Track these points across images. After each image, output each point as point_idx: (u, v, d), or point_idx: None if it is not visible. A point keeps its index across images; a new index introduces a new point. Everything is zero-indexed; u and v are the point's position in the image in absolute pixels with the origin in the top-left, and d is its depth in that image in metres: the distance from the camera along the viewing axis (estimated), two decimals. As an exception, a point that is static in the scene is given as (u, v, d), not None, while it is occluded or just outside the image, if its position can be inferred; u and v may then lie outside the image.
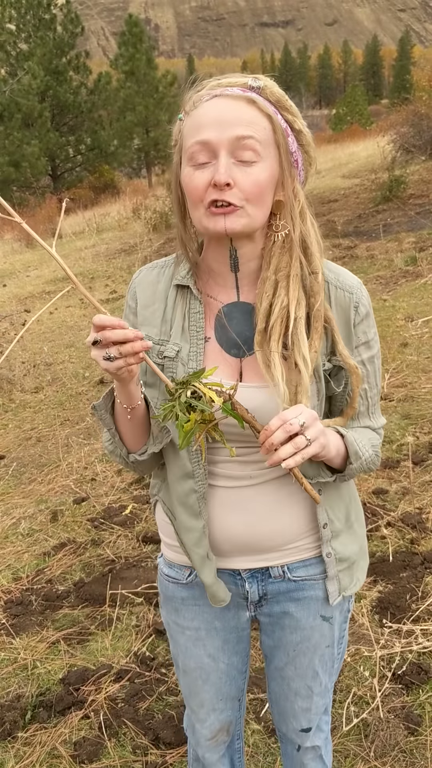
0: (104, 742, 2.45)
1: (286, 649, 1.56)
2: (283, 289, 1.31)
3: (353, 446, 1.34)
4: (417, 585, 3.04)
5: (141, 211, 18.71)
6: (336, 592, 1.49)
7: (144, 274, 1.48)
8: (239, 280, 1.37)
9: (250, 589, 1.51)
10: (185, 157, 1.28)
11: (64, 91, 34.08)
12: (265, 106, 1.25)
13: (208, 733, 1.67)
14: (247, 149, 1.23)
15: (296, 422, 1.18)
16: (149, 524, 3.92)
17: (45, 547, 3.87)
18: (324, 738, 1.71)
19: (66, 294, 12.09)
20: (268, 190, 1.27)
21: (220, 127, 1.22)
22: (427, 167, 15.88)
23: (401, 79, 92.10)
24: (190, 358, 1.37)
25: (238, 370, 1.37)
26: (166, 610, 1.63)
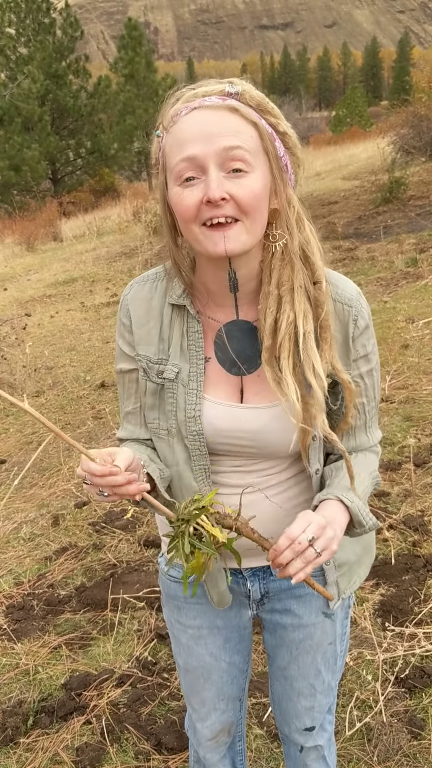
0: (106, 747, 2.44)
1: (289, 647, 1.56)
2: (288, 303, 1.26)
3: (357, 517, 1.31)
4: (419, 588, 3.03)
5: (141, 214, 18.71)
6: (335, 596, 1.49)
7: (136, 290, 1.42)
8: (238, 298, 1.32)
9: (252, 588, 1.51)
10: (171, 177, 1.22)
11: (64, 95, 34.12)
12: (248, 113, 1.18)
13: (209, 733, 1.67)
14: (236, 160, 1.16)
15: (304, 539, 1.17)
16: (151, 528, 3.92)
17: (46, 551, 3.87)
18: (327, 738, 1.71)
19: (66, 297, 12.11)
20: (264, 199, 1.21)
21: (205, 141, 1.16)
22: (427, 168, 15.88)
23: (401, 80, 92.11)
24: (190, 379, 1.34)
25: (239, 389, 1.35)
26: (168, 608, 1.63)
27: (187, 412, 1.34)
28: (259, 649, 2.73)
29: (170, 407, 1.36)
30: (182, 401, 1.34)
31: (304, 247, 1.28)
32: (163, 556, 1.62)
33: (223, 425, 1.33)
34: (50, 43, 34.15)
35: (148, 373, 1.38)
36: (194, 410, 1.33)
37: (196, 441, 1.34)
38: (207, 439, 1.34)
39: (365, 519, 1.32)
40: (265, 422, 1.31)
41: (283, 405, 1.27)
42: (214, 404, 1.34)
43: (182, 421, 1.34)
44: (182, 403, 1.34)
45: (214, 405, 1.34)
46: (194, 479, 1.38)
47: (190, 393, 1.34)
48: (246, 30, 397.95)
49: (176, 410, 1.35)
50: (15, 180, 31.59)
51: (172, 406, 1.36)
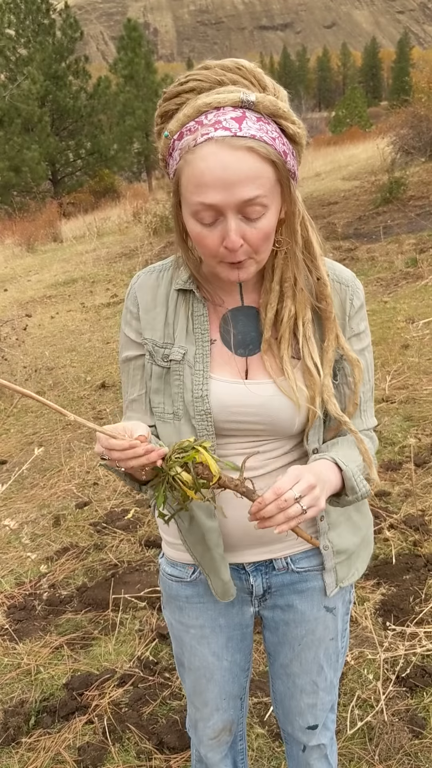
0: (108, 747, 2.44)
1: (291, 644, 1.56)
2: (290, 299, 1.32)
3: (350, 482, 1.32)
4: (420, 587, 3.03)
5: (141, 215, 18.73)
6: (333, 584, 1.50)
7: (143, 279, 1.47)
8: (243, 286, 1.38)
9: (255, 583, 1.52)
10: (187, 209, 1.24)
11: (64, 96, 34.17)
12: (265, 152, 1.16)
13: (211, 733, 1.68)
14: (255, 206, 1.18)
15: (291, 496, 1.17)
16: (152, 528, 3.92)
17: (48, 551, 3.87)
18: (330, 737, 1.71)
19: (67, 298, 12.12)
20: (273, 232, 1.25)
21: (225, 190, 1.16)
22: (426, 169, 15.88)
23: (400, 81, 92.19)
24: (196, 360, 1.37)
25: (244, 368, 1.38)
26: (170, 609, 1.63)
27: (195, 392, 1.36)
28: (260, 648, 2.74)
29: (177, 389, 1.38)
30: (189, 382, 1.37)
31: (307, 247, 1.33)
32: (164, 557, 1.62)
33: (229, 401, 1.35)
34: (50, 44, 34.21)
35: (153, 356, 1.41)
36: (201, 390, 1.35)
37: (203, 421, 1.36)
38: (214, 418, 1.36)
39: (358, 485, 1.34)
40: (270, 395, 1.34)
41: (282, 390, 1.33)
42: (220, 382, 1.36)
43: (189, 402, 1.36)
44: (189, 384, 1.36)
45: (220, 383, 1.36)
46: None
47: (197, 374, 1.36)
48: (245, 31, 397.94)
49: (183, 391, 1.37)
50: (15, 181, 31.63)
51: (179, 388, 1.38)
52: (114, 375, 7.04)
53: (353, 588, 1.62)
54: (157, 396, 1.42)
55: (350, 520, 1.51)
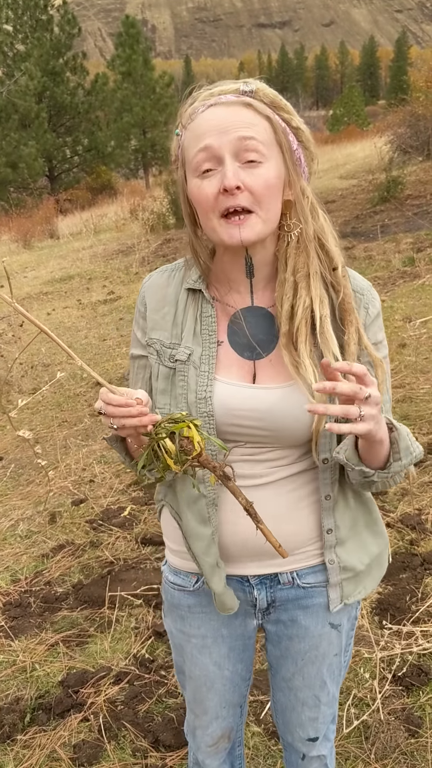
0: (104, 744, 2.44)
1: (294, 658, 1.53)
2: (304, 289, 1.30)
3: (405, 441, 1.27)
4: (417, 586, 3.03)
5: (138, 212, 18.72)
6: (338, 599, 1.46)
7: (153, 279, 1.47)
8: (253, 285, 1.36)
9: (259, 596, 1.48)
10: (190, 170, 1.28)
11: (61, 92, 34.10)
12: (261, 108, 1.24)
13: (210, 740, 1.66)
14: (250, 150, 1.22)
15: (363, 392, 1.11)
16: (148, 526, 3.92)
17: (43, 549, 3.86)
18: (330, 747, 1.69)
19: (63, 295, 12.10)
20: (277, 190, 1.26)
21: (220, 132, 1.22)
22: (424, 168, 15.89)
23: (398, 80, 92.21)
24: (202, 361, 1.36)
25: (252, 373, 1.35)
26: (171, 618, 1.60)
27: (198, 393, 1.34)
28: (257, 647, 2.73)
29: (181, 390, 1.37)
30: (193, 383, 1.35)
31: (319, 235, 1.32)
32: (167, 564, 1.60)
33: (234, 404, 1.33)
34: (47, 40, 34.13)
35: (161, 356, 1.40)
36: (205, 391, 1.34)
37: (206, 423, 1.34)
38: (217, 421, 1.34)
39: (412, 444, 1.28)
40: (277, 401, 1.31)
41: (300, 386, 1.28)
42: (225, 384, 1.35)
43: (192, 403, 1.35)
44: (193, 384, 1.35)
45: (225, 385, 1.34)
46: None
47: (202, 375, 1.35)
48: (243, 28, 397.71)
49: (187, 392, 1.36)
50: (12, 177, 31.56)
51: (183, 389, 1.36)
52: (110, 372, 7.03)
53: (359, 604, 1.59)
54: (163, 397, 1.40)
55: (359, 536, 1.47)
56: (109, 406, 1.20)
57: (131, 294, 10.97)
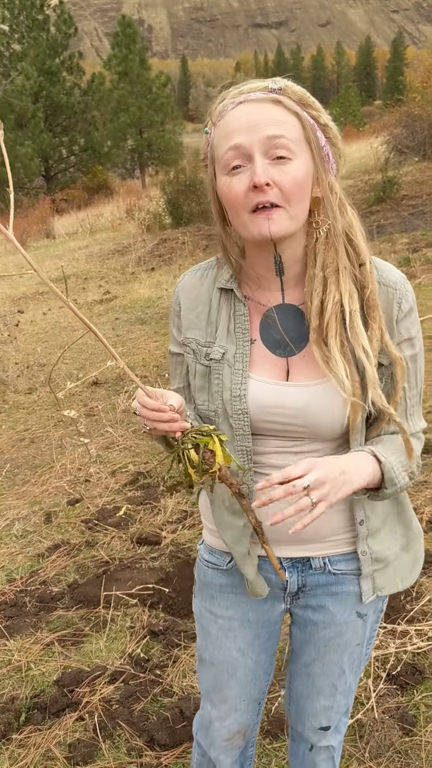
0: (99, 743, 2.44)
1: (317, 644, 1.55)
2: (333, 284, 1.31)
3: (390, 474, 1.31)
4: (411, 586, 3.03)
5: (134, 211, 18.75)
6: (370, 591, 1.48)
7: (187, 279, 1.50)
8: (284, 282, 1.38)
9: (290, 579, 1.50)
10: (219, 167, 1.29)
11: (58, 92, 34.10)
12: (290, 105, 1.25)
13: (226, 734, 1.65)
14: (280, 148, 1.23)
15: (299, 484, 1.16)
16: (143, 525, 3.92)
17: (39, 548, 3.86)
18: (339, 740, 1.70)
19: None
20: (306, 186, 1.27)
21: (250, 130, 1.23)
22: (420, 168, 15.92)
23: (394, 80, 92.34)
24: (236, 360, 1.39)
25: (285, 370, 1.38)
26: (201, 597, 1.62)
27: (233, 391, 1.38)
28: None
29: (216, 387, 1.40)
30: (228, 381, 1.39)
31: (347, 231, 1.33)
32: (203, 543, 1.63)
33: (268, 402, 1.36)
34: (44, 40, 34.13)
35: (197, 355, 1.44)
36: (240, 389, 1.37)
37: (240, 420, 1.38)
38: (251, 418, 1.38)
39: (397, 476, 1.32)
40: (310, 398, 1.34)
41: (332, 381, 1.30)
42: (259, 383, 1.37)
43: (228, 401, 1.38)
44: (228, 382, 1.39)
45: (259, 383, 1.37)
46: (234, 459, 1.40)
47: (236, 373, 1.38)
48: (240, 28, 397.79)
49: (222, 390, 1.39)
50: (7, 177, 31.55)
51: (218, 387, 1.40)
52: (106, 372, 7.03)
53: (387, 598, 1.60)
54: (201, 394, 1.44)
55: (391, 527, 1.48)
56: (143, 409, 1.25)
57: (127, 294, 10.97)
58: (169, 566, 3.45)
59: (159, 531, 3.82)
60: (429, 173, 15.22)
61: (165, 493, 4.27)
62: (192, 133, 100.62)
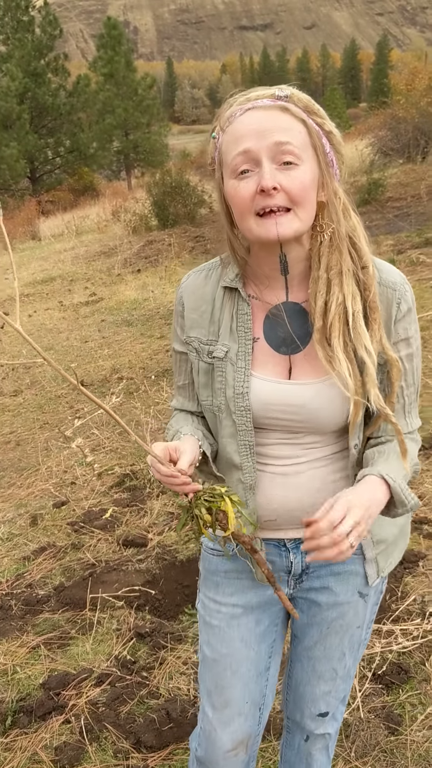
0: (85, 746, 2.44)
1: (320, 626, 1.58)
2: (337, 286, 1.35)
3: (399, 496, 1.33)
4: (396, 585, 3.05)
5: (120, 213, 18.71)
6: (374, 574, 1.54)
7: (191, 279, 1.53)
8: (288, 281, 1.41)
9: (294, 560, 1.54)
10: (227, 171, 1.33)
11: (43, 93, 33.96)
12: (297, 113, 1.29)
13: (230, 743, 1.60)
14: (287, 153, 1.27)
15: (343, 531, 1.20)
16: (130, 527, 3.91)
17: (25, 551, 3.85)
18: (335, 729, 1.72)
19: (45, 296, 12.05)
20: (312, 191, 1.31)
21: (259, 136, 1.27)
22: (404, 170, 16.01)
23: (379, 82, 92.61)
24: (239, 358, 1.42)
25: (288, 368, 1.42)
26: (206, 587, 1.64)
27: (236, 388, 1.42)
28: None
29: (219, 385, 1.45)
30: (231, 379, 1.43)
31: (351, 234, 1.37)
32: None
33: (270, 399, 1.40)
34: (29, 41, 34.00)
35: (200, 353, 1.48)
36: (242, 387, 1.41)
37: (243, 416, 1.42)
38: (254, 414, 1.42)
39: (407, 498, 1.35)
40: (312, 396, 1.38)
41: (335, 380, 1.34)
42: (262, 381, 1.42)
43: (231, 398, 1.43)
44: (231, 380, 1.43)
45: (262, 381, 1.42)
46: (238, 453, 1.45)
47: (239, 371, 1.42)
48: (226, 30, 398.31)
49: (225, 387, 1.44)
50: (-7, 178, 31.35)
51: (221, 384, 1.44)
52: (92, 374, 7.01)
53: (386, 579, 1.65)
54: (204, 390, 1.49)
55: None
56: (157, 473, 1.31)
57: (113, 295, 10.95)
58: (155, 568, 3.45)
59: (145, 533, 3.82)
60: (413, 175, 15.30)
61: (151, 495, 4.27)
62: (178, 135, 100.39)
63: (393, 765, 2.22)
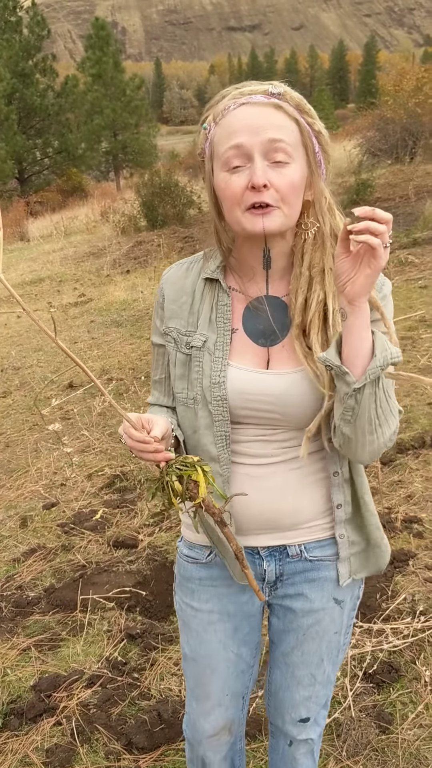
0: (76, 748, 2.43)
1: (296, 632, 1.58)
2: (318, 284, 1.36)
3: (381, 340, 1.25)
4: (387, 584, 3.06)
5: (109, 214, 18.68)
6: (346, 575, 1.53)
7: (173, 271, 1.54)
8: (269, 275, 1.42)
9: (268, 568, 1.54)
10: (218, 163, 1.33)
11: (31, 94, 33.88)
12: (291, 111, 1.30)
13: (211, 729, 1.66)
14: (279, 151, 1.28)
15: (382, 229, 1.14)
16: (120, 529, 3.91)
17: (14, 553, 3.84)
18: (318, 733, 1.72)
19: (34, 297, 12.01)
20: (300, 190, 1.33)
21: (252, 132, 1.28)
22: (392, 171, 16.07)
23: (367, 83, 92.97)
24: (216, 348, 1.43)
25: (266, 359, 1.42)
26: (182, 592, 1.65)
27: (212, 378, 1.42)
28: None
29: (196, 375, 1.44)
30: (208, 368, 1.43)
31: (335, 233, 1.38)
32: (183, 540, 1.65)
33: (247, 388, 1.40)
34: (17, 42, 33.90)
35: (178, 344, 1.48)
36: (219, 376, 1.41)
37: (219, 406, 1.42)
38: (230, 404, 1.42)
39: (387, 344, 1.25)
40: (288, 386, 1.38)
41: (310, 375, 1.34)
42: (239, 370, 1.42)
43: (207, 387, 1.42)
44: (208, 370, 1.43)
45: (239, 371, 1.42)
46: (214, 445, 1.45)
47: (216, 360, 1.42)
48: (214, 31, 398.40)
49: (202, 377, 1.43)
50: (-19, 179, 31.23)
51: (198, 374, 1.44)
52: (82, 375, 7.00)
53: (362, 584, 1.64)
54: (180, 382, 1.48)
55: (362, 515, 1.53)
56: (129, 439, 1.30)
57: (102, 296, 10.93)
58: (146, 569, 3.45)
59: (136, 534, 3.81)
60: (401, 176, 15.37)
61: (141, 496, 4.26)
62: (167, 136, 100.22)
63: (384, 764, 2.23)
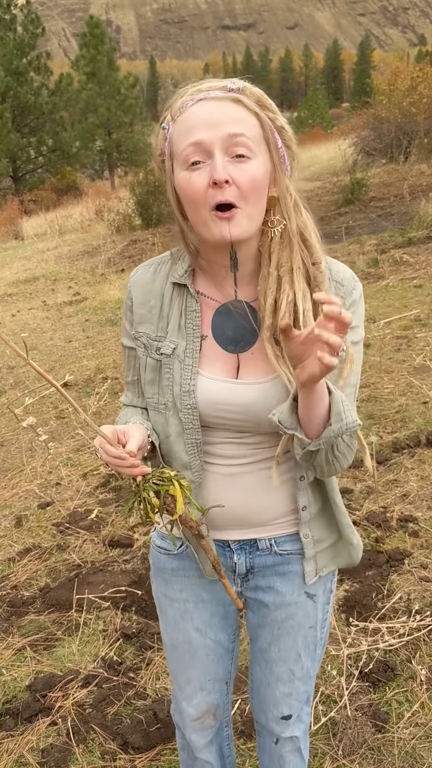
0: (72, 748, 2.43)
1: (271, 627, 1.58)
2: (287, 283, 1.32)
3: (337, 406, 1.24)
4: (382, 583, 3.07)
5: (104, 212, 18.64)
6: (312, 573, 1.53)
7: (140, 273, 1.50)
8: (237, 279, 1.39)
9: (238, 561, 1.54)
10: (178, 162, 1.29)
11: (25, 92, 33.77)
12: (250, 105, 1.27)
13: (194, 713, 1.68)
14: (240, 146, 1.24)
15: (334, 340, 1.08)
16: (115, 528, 3.90)
17: (9, 552, 3.83)
18: (303, 730, 1.72)
19: (28, 296, 11.99)
20: (263, 186, 1.29)
21: (211, 127, 1.24)
22: (387, 170, 16.09)
23: (361, 82, 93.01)
24: (186, 355, 1.40)
25: (236, 366, 1.40)
26: (157, 582, 1.66)
27: (183, 386, 1.40)
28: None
29: (166, 382, 1.43)
30: (178, 376, 1.41)
31: (302, 230, 1.35)
32: (156, 530, 1.65)
33: (217, 398, 1.39)
34: (11, 40, 33.78)
35: (148, 349, 1.46)
36: (189, 384, 1.39)
37: (189, 414, 1.40)
38: (201, 412, 1.41)
39: (345, 412, 1.25)
40: (258, 396, 1.36)
41: (282, 378, 1.32)
42: (209, 379, 1.40)
43: (177, 395, 1.40)
44: (178, 377, 1.41)
45: (208, 380, 1.40)
46: (185, 452, 1.44)
47: (186, 368, 1.40)
48: (208, 30, 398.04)
49: (172, 384, 1.41)
50: (-25, 177, 31.14)
51: (168, 381, 1.42)
52: (77, 374, 6.99)
53: (335, 577, 1.64)
54: (151, 387, 1.47)
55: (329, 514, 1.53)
56: (105, 454, 1.29)
57: (97, 295, 10.91)
58: (141, 569, 3.44)
59: (131, 533, 3.80)
60: (396, 175, 15.39)
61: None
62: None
63: (380, 763, 2.23)
